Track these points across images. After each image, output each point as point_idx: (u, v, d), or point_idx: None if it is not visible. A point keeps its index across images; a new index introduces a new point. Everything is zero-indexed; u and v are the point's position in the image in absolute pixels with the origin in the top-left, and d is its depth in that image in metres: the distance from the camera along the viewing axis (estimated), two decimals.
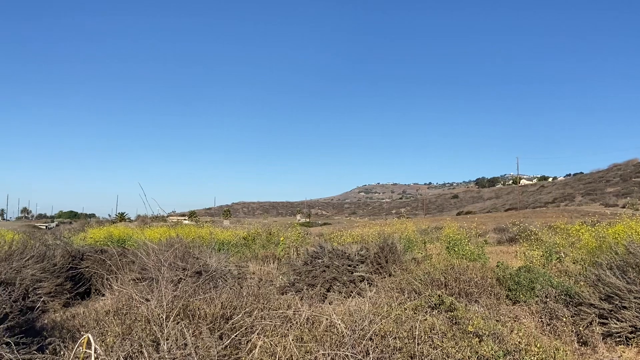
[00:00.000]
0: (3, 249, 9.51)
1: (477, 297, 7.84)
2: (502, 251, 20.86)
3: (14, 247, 10.19)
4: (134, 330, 4.81)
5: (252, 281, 9.49)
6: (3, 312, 5.27)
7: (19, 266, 8.90)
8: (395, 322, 4.99)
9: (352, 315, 5.24)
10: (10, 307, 5.51)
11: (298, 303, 6.54)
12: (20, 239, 12.65)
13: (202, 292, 6.28)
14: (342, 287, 9.47)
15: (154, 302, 5.11)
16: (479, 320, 5.34)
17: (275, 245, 19.44)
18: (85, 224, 52.20)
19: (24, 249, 10.18)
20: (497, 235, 31.32)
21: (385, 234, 16.32)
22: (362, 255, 10.79)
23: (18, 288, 6.42)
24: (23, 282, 7.74)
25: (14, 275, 8.11)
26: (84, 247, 13.97)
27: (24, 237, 14.45)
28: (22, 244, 10.90)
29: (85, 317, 6.85)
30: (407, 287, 7.82)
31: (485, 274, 8.72)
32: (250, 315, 5.34)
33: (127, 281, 7.22)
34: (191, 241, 11.71)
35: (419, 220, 58.02)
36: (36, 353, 4.58)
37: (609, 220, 14.27)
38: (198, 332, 4.77)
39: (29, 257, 9.55)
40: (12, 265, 8.67)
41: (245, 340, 4.94)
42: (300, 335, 4.74)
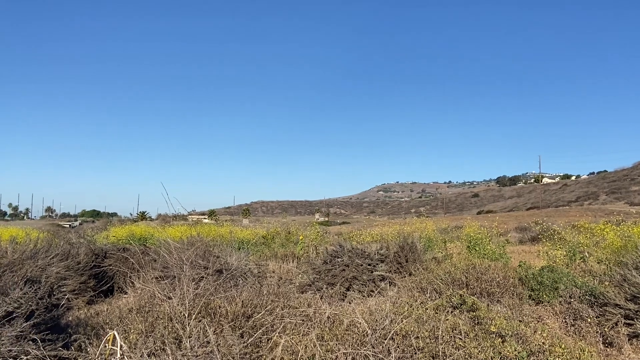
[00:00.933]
0: (29, 247, 9.71)
1: (499, 297, 7.75)
2: (524, 251, 20.58)
3: (39, 245, 10.41)
4: (157, 327, 4.87)
5: (271, 280, 9.53)
6: (29, 309, 5.37)
7: (44, 264, 9.08)
8: (417, 321, 4.96)
9: (373, 315, 5.23)
10: (37, 304, 5.61)
11: (319, 302, 6.55)
12: (45, 238, 12.92)
13: (222, 290, 6.33)
14: (362, 287, 9.45)
15: (176, 300, 5.17)
16: (501, 321, 5.28)
17: (294, 244, 19.49)
18: (108, 222, 52.99)
19: (49, 247, 10.39)
20: (518, 235, 30.90)
21: (405, 233, 16.24)
22: (381, 255, 10.74)
23: (43, 285, 6.53)
24: (48, 279, 7.87)
25: (40, 273, 8.26)
26: (106, 245, 14.19)
27: (48, 236, 14.75)
28: (47, 243, 11.13)
29: (109, 315, 6.97)
30: (428, 287, 7.76)
31: (507, 273, 8.60)
32: (271, 313, 5.36)
33: (150, 279, 7.30)
34: (211, 240, 11.79)
35: (438, 219, 57.67)
36: (62, 349, 4.67)
37: (634, 219, 13.98)
38: (219, 330, 4.80)
39: (53, 255, 9.73)
40: (38, 263, 8.84)
41: (266, 339, 4.96)
42: (322, 334, 4.75)
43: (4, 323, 4.69)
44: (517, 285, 8.43)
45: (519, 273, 9.02)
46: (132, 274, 8.98)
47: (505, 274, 8.50)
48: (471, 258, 11.73)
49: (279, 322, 5.21)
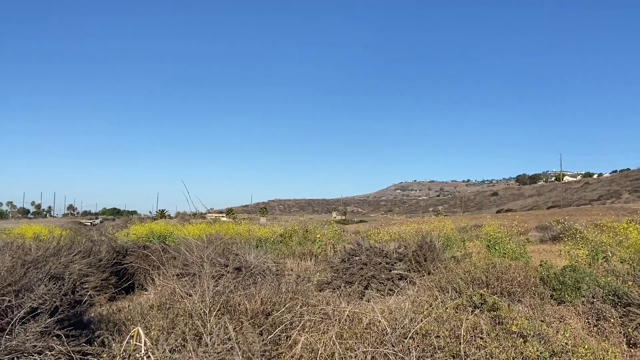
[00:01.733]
0: (52, 245, 9.90)
1: (520, 297, 7.67)
2: (544, 250, 20.29)
3: (62, 242, 10.61)
4: (178, 324, 4.93)
5: (290, 278, 9.55)
6: (54, 305, 5.46)
7: (67, 261, 9.24)
8: (437, 321, 4.93)
9: (393, 313, 5.21)
10: (60, 300, 5.71)
11: (337, 300, 6.55)
12: (68, 235, 13.15)
13: (242, 288, 6.37)
14: (380, 285, 9.42)
15: (196, 297, 5.21)
16: (522, 321, 5.22)
17: (312, 242, 19.50)
18: (128, 220, 53.67)
19: (71, 244, 10.58)
20: (539, 234, 30.49)
21: (423, 231, 16.15)
22: (400, 253, 10.70)
23: (67, 282, 6.65)
24: (71, 276, 8.00)
25: (63, 269, 8.42)
26: (127, 243, 14.37)
27: (71, 234, 15.01)
28: (69, 240, 11.33)
29: (130, 311, 7.06)
30: (447, 286, 7.70)
31: (528, 273, 8.50)
32: (290, 311, 5.38)
33: (170, 276, 7.38)
34: (230, 238, 11.87)
35: (457, 218, 57.20)
36: (85, 345, 4.74)
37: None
38: (239, 327, 4.84)
39: (76, 252, 9.91)
40: (61, 260, 9.01)
41: (286, 336, 4.98)
42: (341, 332, 4.74)
43: (29, 319, 4.78)
44: (539, 285, 8.31)
45: (541, 272, 8.89)
46: (153, 271, 9.08)
47: (526, 273, 8.40)
48: (491, 257, 11.62)
49: (298, 320, 5.22)
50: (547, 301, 7.98)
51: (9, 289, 5.10)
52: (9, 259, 6.35)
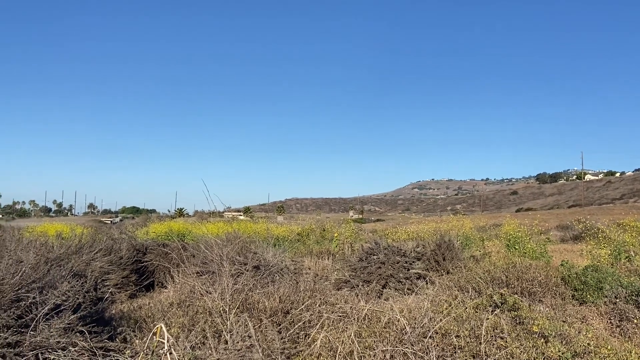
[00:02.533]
0: (74, 243, 10.07)
1: (541, 297, 7.58)
2: (565, 250, 20.02)
3: (84, 240, 10.79)
4: (198, 321, 4.98)
5: (307, 276, 9.58)
6: (76, 302, 5.56)
7: (89, 259, 9.39)
8: (456, 320, 4.90)
9: (412, 312, 5.19)
10: (83, 297, 5.81)
11: (355, 299, 6.55)
12: (89, 233, 13.37)
13: (260, 286, 6.41)
14: (399, 284, 9.39)
15: (216, 295, 5.26)
16: (544, 321, 5.16)
17: (329, 241, 19.53)
18: (147, 219, 54.37)
19: (93, 242, 10.76)
20: (560, 233, 30.06)
21: (442, 231, 16.04)
22: (418, 252, 10.65)
23: (89, 279, 6.76)
24: (93, 273, 8.14)
25: (85, 267, 8.56)
26: (147, 241, 14.57)
27: (92, 232, 15.26)
28: (90, 238, 11.53)
29: (151, 308, 7.15)
30: (467, 285, 7.65)
31: (549, 272, 8.40)
32: (309, 309, 5.40)
33: (190, 274, 7.46)
34: (248, 237, 11.95)
35: (475, 217, 56.66)
36: (107, 341, 4.82)
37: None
38: (258, 325, 4.87)
39: (97, 250, 10.07)
40: (83, 258, 9.16)
41: (304, 334, 5.00)
42: (360, 331, 4.75)
43: (53, 315, 4.88)
44: (560, 285, 8.21)
45: (562, 272, 8.78)
46: (173, 269, 9.19)
47: (547, 273, 8.30)
48: (511, 257, 11.50)
49: (317, 318, 5.24)
50: (568, 301, 7.88)
51: (33, 285, 5.20)
52: (33, 256, 6.48)
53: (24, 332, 4.46)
